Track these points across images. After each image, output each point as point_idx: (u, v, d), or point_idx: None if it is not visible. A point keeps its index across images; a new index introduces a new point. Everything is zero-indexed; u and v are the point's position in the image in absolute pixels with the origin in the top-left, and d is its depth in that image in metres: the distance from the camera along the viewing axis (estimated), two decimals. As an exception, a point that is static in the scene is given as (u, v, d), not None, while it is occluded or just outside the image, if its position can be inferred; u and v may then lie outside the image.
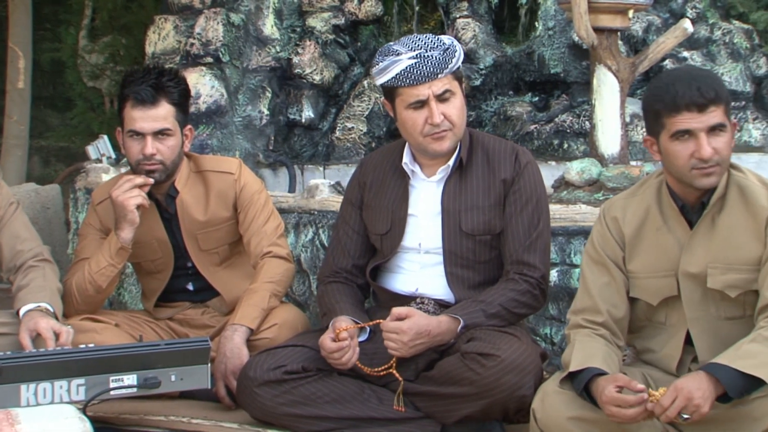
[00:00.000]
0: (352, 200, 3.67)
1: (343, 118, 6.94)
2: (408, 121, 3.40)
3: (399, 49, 3.36)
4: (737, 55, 7.17)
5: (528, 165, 3.50)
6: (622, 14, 4.88)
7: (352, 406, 3.34)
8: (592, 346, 2.98)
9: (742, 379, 2.68)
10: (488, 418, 3.29)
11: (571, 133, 6.76)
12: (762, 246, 2.94)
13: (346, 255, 3.63)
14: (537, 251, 3.44)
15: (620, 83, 4.93)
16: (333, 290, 3.57)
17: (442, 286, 3.50)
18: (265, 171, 6.60)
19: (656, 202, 3.09)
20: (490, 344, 3.20)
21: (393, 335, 3.24)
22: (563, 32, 6.95)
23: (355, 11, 7.16)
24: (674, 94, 2.85)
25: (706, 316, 3.02)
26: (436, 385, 3.30)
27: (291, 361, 3.36)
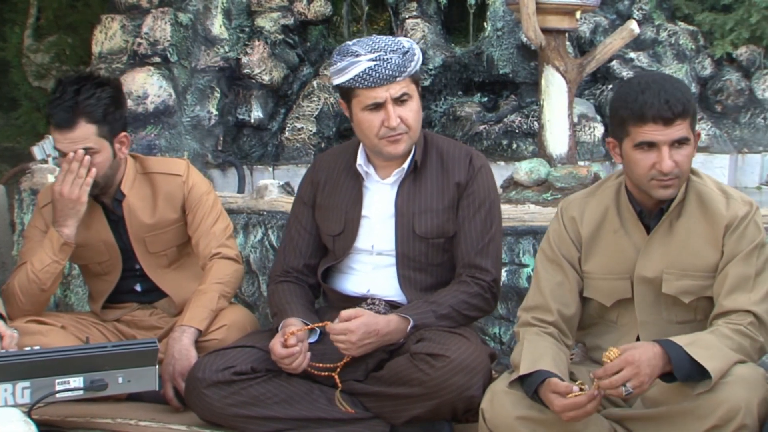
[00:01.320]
0: (304, 199, 3.65)
1: (293, 118, 6.92)
2: (364, 123, 3.39)
3: (358, 50, 3.34)
4: (683, 56, 7.25)
5: (482, 169, 3.50)
6: (569, 15, 4.91)
7: (300, 407, 3.33)
8: (541, 346, 2.99)
9: (690, 366, 2.70)
10: (437, 418, 3.29)
11: (520, 133, 6.80)
12: (718, 253, 2.96)
13: (298, 254, 3.61)
14: (489, 255, 3.44)
15: (568, 84, 4.96)
16: (283, 290, 3.55)
17: (393, 287, 3.50)
18: (213, 171, 6.57)
19: (615, 204, 3.10)
20: (440, 345, 3.20)
21: (341, 336, 3.23)
22: (512, 33, 6.99)
23: (304, 11, 7.15)
24: (642, 104, 2.84)
25: (657, 320, 3.04)
26: (386, 386, 3.29)
27: (240, 362, 3.34)
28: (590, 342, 3.19)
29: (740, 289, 2.90)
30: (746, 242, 2.93)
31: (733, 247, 2.93)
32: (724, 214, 2.96)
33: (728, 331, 2.82)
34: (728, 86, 7.27)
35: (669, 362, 2.71)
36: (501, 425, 2.85)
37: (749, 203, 3.00)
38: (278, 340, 3.28)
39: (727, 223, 2.95)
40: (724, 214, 2.96)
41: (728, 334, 2.82)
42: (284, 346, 3.26)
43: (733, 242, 2.94)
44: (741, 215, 2.95)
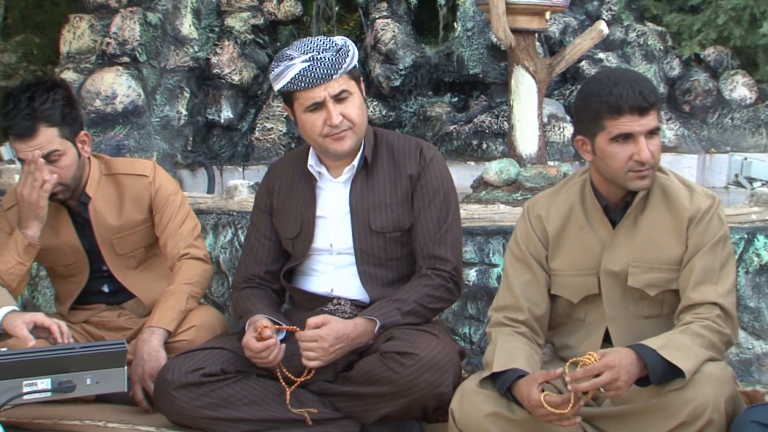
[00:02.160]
0: (261, 206, 3.65)
1: (263, 118, 6.91)
2: (307, 124, 3.39)
3: (292, 53, 3.35)
4: (651, 57, 7.29)
5: (433, 159, 3.51)
6: (539, 16, 4.92)
7: (271, 408, 3.32)
8: (514, 345, 3.00)
9: (664, 368, 2.72)
10: (407, 417, 3.30)
11: (490, 133, 6.81)
12: (683, 246, 2.99)
13: (259, 262, 3.61)
14: (447, 244, 3.45)
15: (538, 84, 4.97)
16: (248, 294, 3.54)
17: (356, 286, 3.50)
18: (183, 172, 6.54)
19: (580, 200, 3.12)
20: (409, 343, 3.21)
21: (312, 344, 3.22)
22: (482, 33, 7.00)
23: (274, 11, 7.14)
24: (618, 96, 2.87)
25: (624, 314, 3.06)
26: (356, 386, 3.29)
27: (209, 364, 3.33)
28: (558, 341, 3.20)
29: (706, 281, 2.93)
30: (710, 235, 2.97)
31: (697, 240, 2.97)
32: (688, 207, 2.99)
33: (699, 329, 2.84)
34: (696, 87, 7.32)
35: (645, 368, 2.73)
36: (471, 424, 2.85)
37: (712, 197, 3.04)
38: (251, 336, 3.27)
39: (690, 216, 2.98)
40: (688, 207, 2.99)
41: (700, 331, 2.84)
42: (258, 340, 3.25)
43: (697, 235, 2.97)
44: (704, 208, 2.99)
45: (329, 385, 3.36)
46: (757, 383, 4.11)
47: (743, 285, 4.08)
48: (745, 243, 4.09)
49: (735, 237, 4.07)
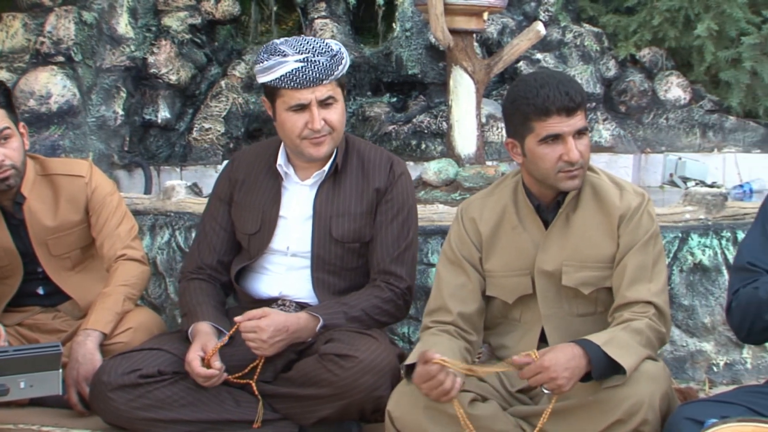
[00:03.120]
0: (221, 196, 3.61)
1: (201, 118, 6.87)
2: (287, 123, 3.36)
3: (286, 50, 3.31)
4: (588, 58, 7.37)
5: (402, 176, 3.51)
6: (477, 16, 4.94)
7: (208, 409, 3.29)
8: (431, 341, 3.01)
9: (606, 364, 2.74)
10: (346, 418, 3.29)
11: (429, 133, 6.83)
12: (614, 244, 3.02)
13: (212, 251, 3.57)
14: (405, 263, 3.45)
15: (476, 84, 4.99)
16: (195, 288, 3.50)
17: (306, 290, 3.48)
18: (120, 172, 6.48)
19: (512, 201, 3.14)
20: (348, 345, 3.20)
21: (252, 334, 3.21)
22: (420, 33, 7.02)
23: (212, 11, 7.10)
24: (545, 98, 2.89)
25: (559, 313, 3.08)
26: (294, 387, 3.28)
27: (146, 365, 3.29)
28: (495, 341, 3.21)
29: (640, 279, 2.96)
30: (642, 232, 3.00)
31: (629, 237, 3.00)
32: (618, 205, 3.03)
33: (640, 326, 2.87)
34: (632, 87, 7.41)
35: (589, 362, 2.75)
36: (409, 423, 2.86)
37: (642, 194, 3.08)
38: (197, 356, 3.24)
39: (621, 214, 3.02)
40: (618, 205, 3.03)
41: (641, 329, 2.87)
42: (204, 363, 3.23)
43: (628, 233, 3.00)
44: (634, 206, 3.02)
45: (268, 386, 3.34)
46: (691, 380, 4.16)
47: (677, 283, 4.13)
48: (679, 242, 4.14)
49: (669, 236, 4.12)
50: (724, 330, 4.15)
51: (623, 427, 2.74)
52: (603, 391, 2.76)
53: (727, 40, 7.45)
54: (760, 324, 2.71)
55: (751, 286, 2.73)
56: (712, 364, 4.20)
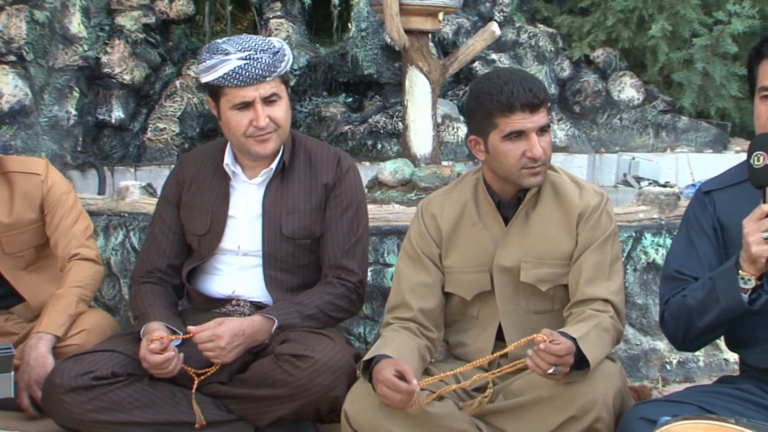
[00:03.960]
0: (169, 198, 3.59)
1: (155, 118, 6.82)
2: (232, 122, 3.35)
3: (228, 48, 3.30)
4: (542, 58, 7.41)
5: (350, 170, 3.51)
6: (432, 17, 4.96)
7: (163, 411, 3.26)
8: (390, 337, 3.01)
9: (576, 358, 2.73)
10: (301, 418, 3.28)
11: (385, 133, 6.84)
12: (573, 242, 3.04)
13: (162, 254, 3.55)
14: (356, 257, 3.45)
15: (432, 84, 5.01)
16: (146, 291, 3.48)
17: (259, 288, 3.47)
18: (73, 173, 6.43)
19: (473, 198, 3.14)
20: (304, 345, 3.19)
21: (210, 344, 3.19)
22: (376, 34, 7.03)
23: (166, 10, 7.06)
24: (509, 95, 2.90)
25: (516, 310, 3.09)
26: (250, 388, 3.26)
27: (100, 367, 3.26)
28: (453, 339, 3.22)
29: (598, 277, 2.98)
30: (600, 231, 3.02)
31: (587, 236, 3.02)
32: (578, 203, 3.05)
33: (608, 325, 2.89)
34: (586, 87, 7.46)
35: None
36: (365, 422, 2.85)
37: (601, 194, 3.10)
38: (146, 349, 3.21)
39: (580, 212, 3.04)
40: (578, 203, 3.05)
41: (608, 327, 2.88)
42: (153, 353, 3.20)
43: (587, 231, 3.02)
44: (593, 205, 3.04)
45: (223, 387, 3.32)
46: (645, 378, 4.20)
47: (631, 282, 4.17)
48: (633, 241, 4.18)
49: (623, 235, 4.15)
50: (677, 328, 4.19)
51: (578, 424, 2.75)
52: (558, 387, 2.77)
53: (680, 41, 7.53)
54: (693, 331, 2.74)
55: (680, 295, 2.76)
56: (665, 363, 4.24)
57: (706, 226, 2.83)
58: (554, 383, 2.79)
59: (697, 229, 2.84)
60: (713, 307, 2.65)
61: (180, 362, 3.23)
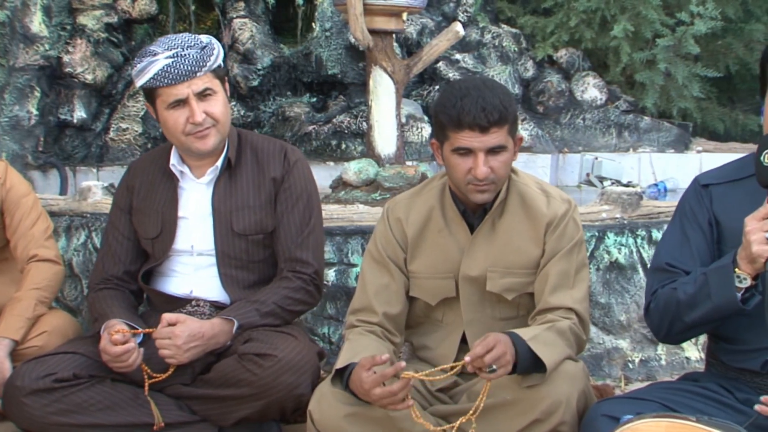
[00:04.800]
0: (120, 205, 3.59)
1: (118, 118, 6.77)
2: (169, 121, 3.35)
3: (155, 49, 3.31)
4: (506, 58, 7.43)
5: (297, 162, 3.51)
6: (396, 17, 4.96)
7: (126, 413, 3.25)
8: (360, 342, 3.00)
9: (529, 359, 2.75)
10: (266, 418, 3.28)
11: (349, 133, 6.83)
12: (540, 251, 3.03)
13: (117, 262, 3.54)
14: (309, 248, 3.46)
15: (396, 84, 5.01)
16: (104, 296, 3.46)
17: (216, 287, 3.47)
18: (34, 173, 6.37)
19: (439, 204, 3.13)
20: (267, 344, 3.19)
21: (166, 341, 3.17)
22: (340, 33, 7.02)
23: (129, 10, 7.01)
24: (460, 111, 2.86)
25: (482, 318, 3.09)
26: (213, 388, 3.25)
27: (61, 369, 3.24)
28: (417, 341, 3.22)
29: (563, 286, 2.98)
30: (566, 240, 3.02)
31: (554, 244, 3.01)
32: (545, 212, 3.03)
33: (564, 327, 2.90)
34: (549, 87, 7.49)
35: (515, 355, 2.74)
36: (329, 425, 2.84)
37: (568, 201, 3.09)
38: (107, 341, 3.19)
39: (548, 222, 3.02)
40: (545, 212, 3.03)
41: (564, 330, 2.89)
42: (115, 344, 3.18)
43: (554, 240, 3.02)
44: (561, 213, 3.03)
45: (186, 388, 3.31)
46: (608, 377, 4.23)
47: (594, 282, 4.19)
48: (596, 241, 4.20)
49: (587, 235, 4.17)
50: (639, 327, 4.22)
51: (541, 426, 2.76)
52: (521, 390, 2.78)
53: (643, 42, 7.57)
54: (678, 325, 2.74)
55: (669, 287, 2.75)
56: (627, 361, 4.27)
57: (702, 220, 2.81)
58: (518, 386, 2.79)
59: (692, 222, 2.82)
60: (704, 303, 2.64)
61: (140, 357, 3.21)
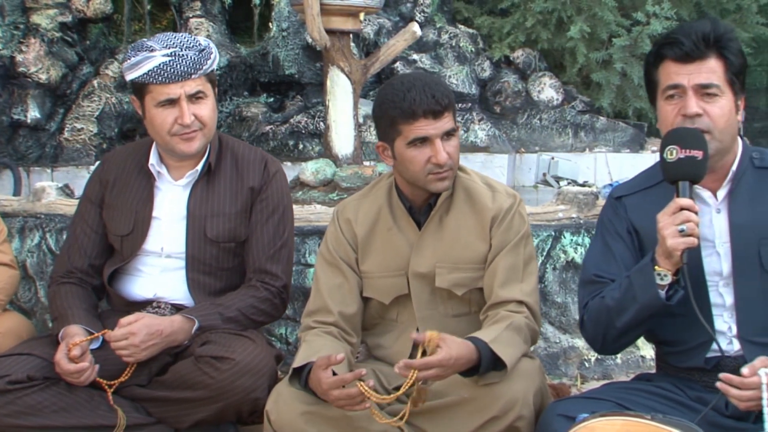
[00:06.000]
0: (91, 198, 3.54)
1: (72, 118, 6.72)
2: (157, 119, 3.32)
3: (153, 45, 3.28)
4: (463, 59, 7.45)
5: (277, 174, 3.50)
6: (353, 17, 4.96)
7: (81, 415, 3.21)
8: (317, 342, 3.00)
9: (490, 360, 2.76)
10: (222, 421, 3.26)
11: (306, 133, 6.83)
12: (487, 245, 3.05)
13: (83, 254, 3.50)
14: (280, 261, 3.44)
15: (353, 84, 5.01)
16: (66, 293, 3.42)
17: (182, 291, 3.44)
18: (-13, 174, 6.31)
19: (387, 203, 3.15)
20: (225, 347, 3.17)
21: (123, 342, 3.14)
22: (297, 34, 7.01)
23: (83, 9, 6.96)
24: (411, 101, 2.90)
25: (434, 314, 3.10)
26: (170, 390, 3.23)
27: (15, 371, 3.19)
28: (372, 341, 3.22)
29: (512, 279, 3.01)
30: (513, 233, 3.04)
31: (500, 238, 3.04)
32: (491, 206, 3.06)
33: (521, 324, 2.91)
34: (506, 88, 7.52)
35: (479, 358, 2.76)
36: (286, 425, 2.84)
37: (513, 196, 3.12)
38: (63, 354, 3.16)
39: (493, 216, 3.05)
40: (491, 206, 3.06)
41: (521, 326, 2.91)
42: (69, 359, 3.15)
43: (500, 234, 3.04)
44: (506, 207, 3.06)
45: (142, 389, 3.28)
46: (564, 376, 4.25)
47: (551, 281, 4.21)
48: (552, 240, 4.22)
49: (543, 234, 4.19)
50: (595, 326, 4.24)
51: (499, 423, 2.78)
52: (479, 388, 2.79)
53: (598, 42, 7.63)
54: (612, 332, 2.79)
55: (598, 297, 2.81)
56: (584, 360, 4.29)
57: (621, 230, 2.89)
58: (475, 384, 2.81)
59: (612, 233, 2.90)
60: (631, 305, 2.71)
61: (94, 373, 3.18)
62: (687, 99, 2.69)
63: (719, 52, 2.70)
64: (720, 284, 2.77)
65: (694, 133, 2.65)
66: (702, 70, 2.69)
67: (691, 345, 2.79)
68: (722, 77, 2.70)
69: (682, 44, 2.69)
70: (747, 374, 2.53)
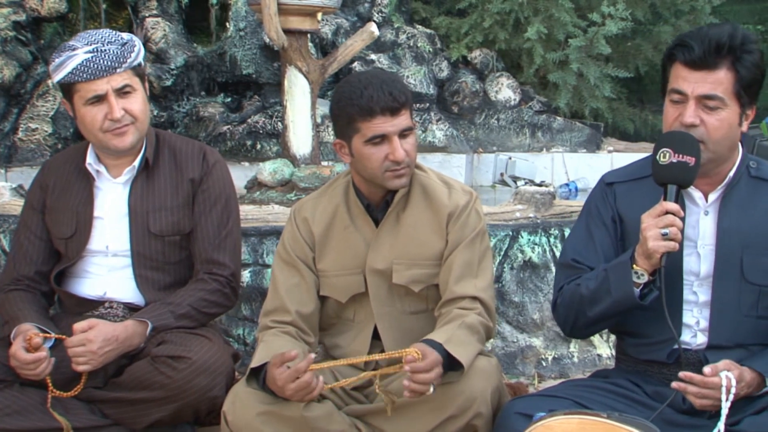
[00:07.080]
0: (33, 204, 3.52)
1: (26, 118, 6.65)
2: (87, 118, 3.30)
3: (75, 44, 3.27)
4: (421, 59, 7.46)
5: (216, 164, 3.49)
6: (311, 16, 4.95)
7: (35, 417, 3.18)
8: (275, 342, 3.00)
9: (447, 361, 2.77)
10: (179, 421, 3.25)
11: (264, 133, 6.80)
12: (443, 242, 3.07)
13: (29, 262, 3.47)
14: (227, 250, 3.44)
15: (311, 84, 5.00)
16: (14, 298, 3.39)
17: (131, 289, 3.42)
18: (-61, 175, 6.23)
19: (344, 201, 3.15)
20: (181, 347, 3.16)
21: (80, 348, 3.12)
22: (254, 33, 6.99)
23: (37, 8, 6.89)
24: (368, 99, 2.91)
25: (392, 311, 3.11)
26: (126, 391, 3.21)
27: (-33, 374, 3.17)
28: (329, 341, 3.22)
29: (467, 275, 3.02)
30: (469, 230, 3.06)
31: (456, 235, 3.05)
32: (447, 203, 3.08)
33: (473, 322, 2.92)
34: (464, 88, 7.54)
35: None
36: (243, 425, 2.83)
37: (469, 192, 3.14)
38: (20, 345, 3.13)
39: (449, 212, 3.07)
40: (447, 203, 3.08)
41: (473, 324, 2.92)
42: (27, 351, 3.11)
43: (456, 230, 3.06)
44: (462, 204, 3.08)
45: (98, 391, 3.26)
46: (521, 375, 4.27)
47: (508, 281, 4.23)
48: (510, 240, 4.24)
49: (501, 234, 4.21)
50: (552, 325, 4.27)
51: (457, 421, 2.80)
52: (437, 387, 2.79)
53: (555, 43, 7.68)
54: (583, 320, 2.83)
55: (574, 283, 2.85)
56: (541, 359, 4.31)
57: (606, 217, 2.91)
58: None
59: (596, 219, 2.93)
60: (605, 298, 2.75)
61: (50, 367, 3.15)
62: (687, 107, 2.69)
63: (731, 64, 2.67)
64: (695, 284, 2.82)
65: (689, 139, 2.66)
66: (708, 80, 2.67)
67: (656, 339, 2.82)
68: (729, 89, 2.68)
69: (692, 50, 2.67)
70: (709, 374, 2.57)
